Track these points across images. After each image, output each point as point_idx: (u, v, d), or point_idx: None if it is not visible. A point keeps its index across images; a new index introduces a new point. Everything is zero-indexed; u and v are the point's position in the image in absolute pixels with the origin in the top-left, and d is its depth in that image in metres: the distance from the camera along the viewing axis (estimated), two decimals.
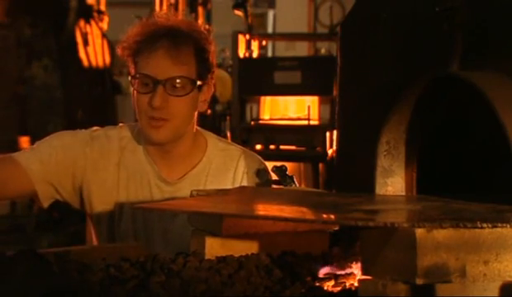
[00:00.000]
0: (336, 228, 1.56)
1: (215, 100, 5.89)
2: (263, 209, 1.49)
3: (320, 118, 5.06)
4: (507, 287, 1.16)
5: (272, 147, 5.04)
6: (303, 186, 4.35)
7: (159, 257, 1.39)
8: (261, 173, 2.11)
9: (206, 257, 1.43)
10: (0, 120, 5.13)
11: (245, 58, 5.25)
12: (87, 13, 5.81)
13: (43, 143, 2.10)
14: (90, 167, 2.07)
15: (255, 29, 6.07)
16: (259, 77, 5.13)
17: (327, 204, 1.50)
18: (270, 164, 2.17)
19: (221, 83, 6.06)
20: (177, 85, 1.99)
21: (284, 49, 8.07)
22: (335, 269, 1.37)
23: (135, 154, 2.10)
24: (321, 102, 5.08)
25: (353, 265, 1.37)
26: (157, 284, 1.25)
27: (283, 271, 1.33)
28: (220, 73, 6.20)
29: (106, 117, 5.61)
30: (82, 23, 5.74)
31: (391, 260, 1.16)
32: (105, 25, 5.98)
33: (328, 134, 4.83)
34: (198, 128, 2.15)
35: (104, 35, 5.96)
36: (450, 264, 1.14)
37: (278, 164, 2.09)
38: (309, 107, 4.90)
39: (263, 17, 9.58)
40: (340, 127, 1.82)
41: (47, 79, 5.40)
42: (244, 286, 1.27)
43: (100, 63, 5.92)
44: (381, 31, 1.67)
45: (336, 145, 1.86)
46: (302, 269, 1.36)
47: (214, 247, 1.46)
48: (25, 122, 5.30)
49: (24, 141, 5.02)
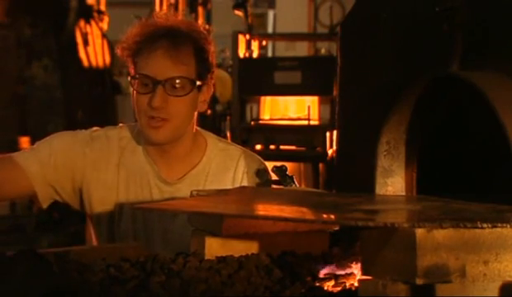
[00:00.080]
0: (336, 228, 1.56)
1: (215, 100, 5.89)
2: (263, 209, 1.49)
3: (320, 118, 5.06)
4: (507, 287, 1.16)
5: (272, 147, 5.04)
6: (303, 186, 4.35)
7: (159, 257, 1.39)
8: (261, 173, 2.11)
9: (206, 257, 1.43)
10: (0, 120, 5.13)
11: (245, 58, 5.25)
12: (87, 13, 5.81)
13: (42, 143, 2.09)
14: (90, 168, 2.07)
15: (255, 29, 6.07)
16: (259, 77, 5.13)
17: (327, 204, 1.50)
18: (270, 164, 2.17)
19: (221, 83, 6.06)
20: (176, 85, 1.99)
21: (284, 49, 8.06)
22: (335, 269, 1.37)
23: (135, 154, 2.10)
24: (321, 102, 5.08)
25: (353, 265, 1.37)
26: (157, 284, 1.25)
27: (283, 271, 1.33)
28: (220, 73, 6.20)
29: (106, 117, 5.61)
30: (82, 23, 5.74)
31: (391, 260, 1.16)
32: (105, 25, 5.98)
33: (328, 134, 4.83)
34: (198, 128, 2.14)
35: (104, 35, 5.96)
36: (450, 264, 1.14)
37: (278, 164, 2.09)
38: (309, 107, 4.90)
39: (263, 17, 9.58)
40: (340, 127, 1.82)
41: (47, 79, 5.40)
42: (244, 286, 1.27)
43: (100, 63, 5.92)
44: (381, 31, 1.67)
45: (336, 145, 1.86)
46: (302, 269, 1.36)
47: (214, 247, 1.46)
48: (25, 122, 5.30)
49: (24, 141, 5.02)
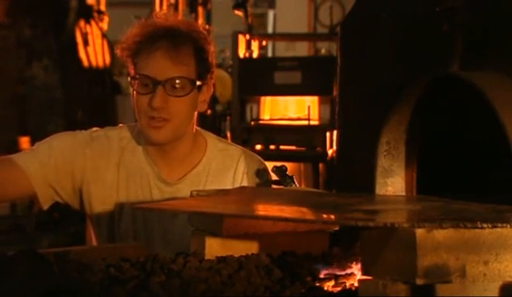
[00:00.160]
0: (336, 228, 1.56)
1: (215, 100, 5.89)
2: (263, 209, 1.49)
3: (320, 118, 5.06)
4: (507, 287, 1.16)
5: (272, 147, 5.03)
6: (303, 186, 4.35)
7: (159, 257, 1.39)
8: (261, 173, 2.11)
9: (206, 257, 1.43)
10: (0, 120, 5.13)
11: (245, 58, 5.25)
12: (87, 13, 5.82)
13: (42, 144, 2.09)
14: (90, 168, 2.06)
15: (255, 29, 6.07)
16: (259, 77, 5.12)
17: (327, 204, 1.50)
18: (270, 164, 2.17)
19: (221, 83, 6.06)
20: (176, 85, 1.99)
21: (284, 50, 8.07)
22: (335, 269, 1.37)
23: (135, 155, 2.10)
24: (321, 102, 5.08)
25: (353, 265, 1.37)
26: (157, 284, 1.25)
27: (283, 271, 1.33)
28: (220, 73, 6.21)
29: (106, 117, 5.62)
30: (82, 23, 5.75)
31: (391, 260, 1.16)
32: (105, 25, 5.99)
33: (328, 134, 4.83)
34: (198, 128, 2.14)
35: (104, 36, 5.97)
36: (450, 264, 1.14)
37: (278, 164, 2.09)
38: (309, 107, 4.90)
39: (263, 17, 9.58)
40: (340, 127, 1.81)
41: (47, 79, 5.40)
42: (244, 286, 1.27)
43: (100, 63, 5.92)
44: (381, 31, 1.67)
45: (336, 145, 1.86)
46: (302, 269, 1.36)
47: (214, 247, 1.46)
48: (25, 122, 5.31)
49: (24, 141, 5.02)
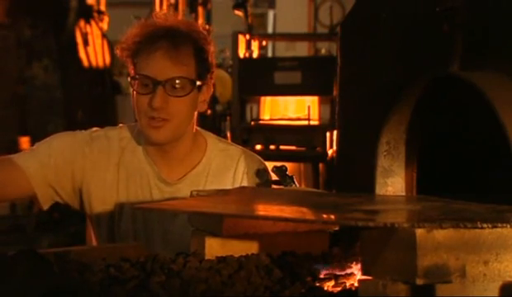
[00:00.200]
0: (336, 228, 1.56)
1: (215, 100, 5.89)
2: (263, 209, 1.49)
3: (320, 118, 5.05)
4: (507, 287, 1.16)
5: (272, 147, 5.03)
6: (303, 186, 4.35)
7: (159, 257, 1.39)
8: (261, 173, 2.11)
9: (206, 257, 1.43)
10: (0, 120, 5.13)
11: (245, 58, 5.25)
12: (87, 13, 5.82)
13: (42, 144, 2.09)
14: (90, 168, 2.06)
15: (255, 29, 6.07)
16: (259, 77, 5.12)
17: (327, 204, 1.50)
18: (270, 164, 2.17)
19: (221, 83, 6.06)
20: (176, 85, 1.99)
21: (284, 50, 8.06)
22: (335, 269, 1.37)
23: (135, 155, 2.10)
24: (321, 102, 5.08)
25: (353, 265, 1.37)
26: (157, 284, 1.25)
27: (283, 271, 1.33)
28: (220, 73, 6.21)
29: (106, 117, 5.62)
30: (82, 23, 5.75)
31: (391, 260, 1.16)
32: (105, 25, 5.99)
33: (328, 134, 4.83)
34: (198, 128, 2.14)
35: (104, 36, 5.97)
36: (450, 264, 1.14)
37: (278, 164, 2.09)
38: (309, 107, 4.89)
39: (263, 17, 9.58)
40: (340, 127, 1.81)
41: (47, 79, 5.41)
42: (244, 286, 1.27)
43: (100, 63, 5.92)
44: (381, 31, 1.67)
45: (336, 145, 1.86)
46: (302, 269, 1.36)
47: (214, 247, 1.46)
48: (25, 122, 5.31)
49: (24, 141, 5.02)
